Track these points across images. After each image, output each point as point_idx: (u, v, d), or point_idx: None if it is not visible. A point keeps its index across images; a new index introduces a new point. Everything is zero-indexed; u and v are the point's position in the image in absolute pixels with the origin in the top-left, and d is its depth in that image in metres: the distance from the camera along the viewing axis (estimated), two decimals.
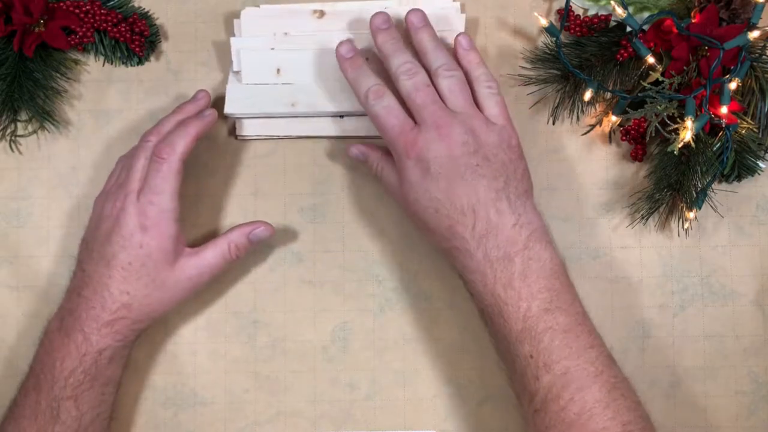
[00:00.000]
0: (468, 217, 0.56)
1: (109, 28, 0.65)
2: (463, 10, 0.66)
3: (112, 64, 0.67)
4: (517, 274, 0.55)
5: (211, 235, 0.66)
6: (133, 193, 0.59)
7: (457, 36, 0.62)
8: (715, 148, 0.63)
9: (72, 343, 0.58)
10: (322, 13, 0.66)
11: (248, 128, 0.66)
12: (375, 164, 0.63)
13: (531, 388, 0.55)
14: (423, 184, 0.57)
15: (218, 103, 0.66)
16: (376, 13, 0.62)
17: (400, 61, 0.60)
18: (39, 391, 0.58)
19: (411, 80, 0.59)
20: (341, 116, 0.65)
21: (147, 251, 0.59)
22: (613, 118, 0.64)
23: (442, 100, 0.59)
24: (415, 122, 0.58)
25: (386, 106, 0.59)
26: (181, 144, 0.60)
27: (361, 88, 0.60)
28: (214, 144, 0.66)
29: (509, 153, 0.58)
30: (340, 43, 0.62)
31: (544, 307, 0.55)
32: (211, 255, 0.61)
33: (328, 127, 0.66)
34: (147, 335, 0.65)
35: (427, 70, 0.60)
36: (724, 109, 0.60)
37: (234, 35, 0.66)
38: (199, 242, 0.64)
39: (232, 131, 0.66)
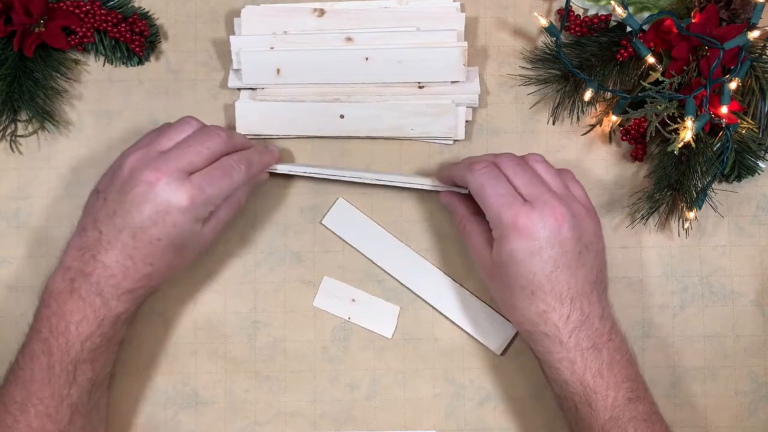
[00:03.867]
0: (565, 307, 0.56)
1: (109, 28, 0.65)
2: (463, 9, 0.66)
3: (112, 64, 0.67)
4: (605, 364, 0.56)
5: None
6: (183, 171, 0.56)
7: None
8: (715, 148, 0.63)
9: (88, 306, 0.56)
10: (322, 12, 0.66)
11: (247, 127, 0.66)
12: (460, 219, 0.62)
13: None
14: (528, 263, 0.56)
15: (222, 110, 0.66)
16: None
17: (500, 155, 0.59)
18: (50, 355, 0.56)
19: (513, 161, 0.58)
20: (341, 116, 0.65)
21: (179, 231, 0.56)
22: (613, 118, 0.64)
23: None
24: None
25: (495, 176, 0.58)
26: (256, 168, 0.61)
27: (463, 164, 0.60)
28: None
29: (600, 243, 0.59)
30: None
31: (628, 396, 0.56)
32: (227, 214, 0.60)
33: (329, 128, 0.66)
34: (147, 335, 0.65)
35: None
36: (724, 109, 0.60)
37: (234, 34, 0.66)
38: None
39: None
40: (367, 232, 0.66)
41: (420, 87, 0.65)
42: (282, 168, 0.64)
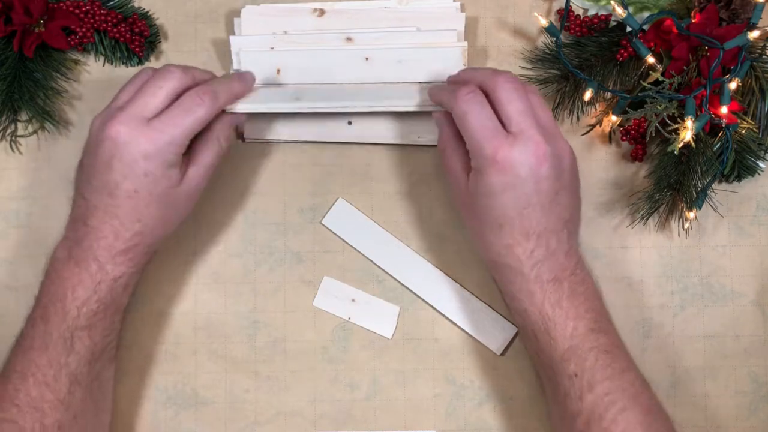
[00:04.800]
0: (530, 242, 0.56)
1: (109, 29, 0.65)
2: (463, 9, 0.66)
3: (112, 64, 0.67)
4: (565, 295, 0.56)
5: (211, 235, 0.66)
6: (140, 118, 0.55)
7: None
8: (715, 148, 0.63)
9: (84, 271, 0.56)
10: (322, 12, 0.66)
11: (256, 132, 0.66)
12: (443, 140, 0.60)
13: (574, 408, 0.55)
14: (501, 197, 0.55)
15: None
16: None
17: (500, 74, 0.57)
18: (47, 322, 0.56)
19: (512, 85, 0.56)
20: (349, 122, 0.65)
21: (153, 179, 0.56)
22: (613, 118, 0.64)
23: None
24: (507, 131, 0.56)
25: (478, 102, 0.55)
26: (224, 97, 0.58)
27: (446, 89, 0.59)
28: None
29: (577, 181, 0.58)
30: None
31: (589, 327, 0.56)
32: (209, 158, 0.59)
33: (336, 133, 0.66)
34: (147, 335, 0.65)
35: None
36: (724, 109, 0.60)
37: (234, 34, 0.66)
38: (198, 244, 0.65)
39: (239, 134, 0.66)
40: (367, 232, 0.66)
41: (420, 84, 0.65)
42: (242, 107, 0.61)
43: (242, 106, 0.62)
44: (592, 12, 0.65)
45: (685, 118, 0.59)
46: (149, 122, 0.56)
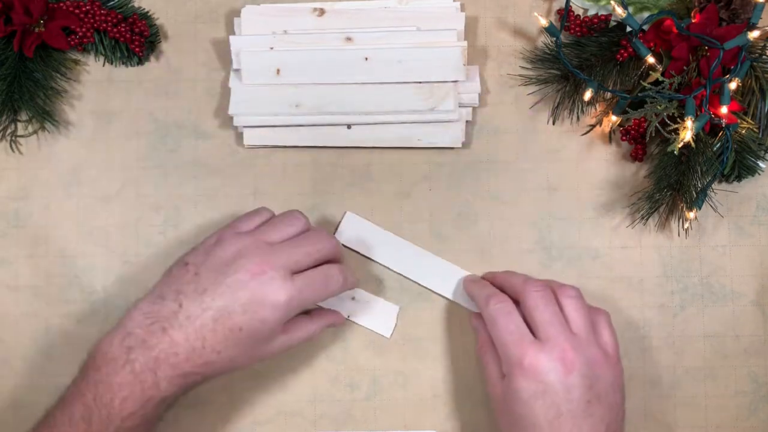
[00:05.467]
0: None
1: (109, 29, 0.65)
2: (462, 9, 0.66)
3: (112, 64, 0.67)
4: None
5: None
6: (288, 270, 0.55)
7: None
8: (715, 148, 0.63)
9: (138, 384, 0.53)
10: (322, 12, 0.66)
11: (255, 138, 0.66)
12: (480, 345, 0.62)
13: None
14: (531, 405, 0.55)
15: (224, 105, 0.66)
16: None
17: (529, 283, 0.59)
18: (90, 424, 0.53)
19: (540, 293, 0.58)
20: (348, 126, 0.65)
21: (263, 327, 0.55)
22: (613, 118, 0.64)
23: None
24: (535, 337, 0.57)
25: (507, 312, 0.58)
26: (350, 284, 0.60)
27: (482, 293, 0.60)
28: (214, 144, 0.66)
29: (618, 395, 0.57)
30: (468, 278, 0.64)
31: None
32: (300, 336, 0.59)
33: (336, 137, 0.66)
34: None
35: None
36: (724, 109, 0.60)
37: (234, 34, 0.66)
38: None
39: (240, 139, 0.66)
40: (381, 241, 0.66)
41: (420, 83, 0.65)
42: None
43: (245, 119, 0.64)
44: (592, 12, 0.65)
45: (685, 118, 0.59)
46: (293, 278, 0.55)
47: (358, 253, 0.66)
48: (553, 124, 0.66)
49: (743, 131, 0.63)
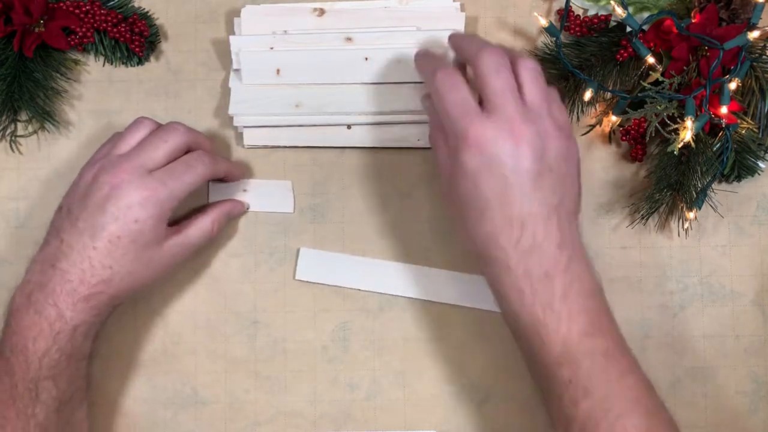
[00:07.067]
0: (515, 230, 0.52)
1: (109, 29, 0.65)
2: (462, 9, 0.66)
3: (112, 64, 0.67)
4: (557, 296, 0.52)
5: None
6: (143, 168, 0.57)
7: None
8: (715, 148, 0.63)
9: (44, 320, 0.55)
10: (322, 11, 0.66)
11: (255, 138, 0.66)
12: (431, 129, 0.58)
13: (569, 413, 0.52)
14: (477, 179, 0.52)
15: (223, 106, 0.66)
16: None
17: (485, 48, 0.54)
18: (12, 375, 0.55)
19: (494, 58, 0.53)
20: (348, 126, 0.65)
21: (140, 228, 0.56)
22: (613, 118, 0.64)
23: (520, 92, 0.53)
24: (483, 109, 0.53)
25: (453, 83, 0.53)
26: (222, 166, 0.61)
27: (428, 66, 0.56)
28: (214, 145, 0.66)
29: (570, 167, 0.54)
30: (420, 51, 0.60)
31: (584, 330, 0.52)
32: (195, 233, 0.61)
33: (336, 138, 0.66)
34: (147, 335, 0.65)
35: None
36: (724, 109, 0.60)
37: (234, 34, 0.66)
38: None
39: (240, 139, 0.66)
40: (342, 266, 0.66)
41: (420, 83, 0.65)
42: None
43: (245, 119, 0.64)
44: (592, 12, 0.65)
45: (685, 118, 0.59)
46: (151, 173, 0.57)
47: (328, 285, 0.66)
48: None
49: (743, 131, 0.63)
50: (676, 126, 0.60)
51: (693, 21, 0.62)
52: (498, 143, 0.51)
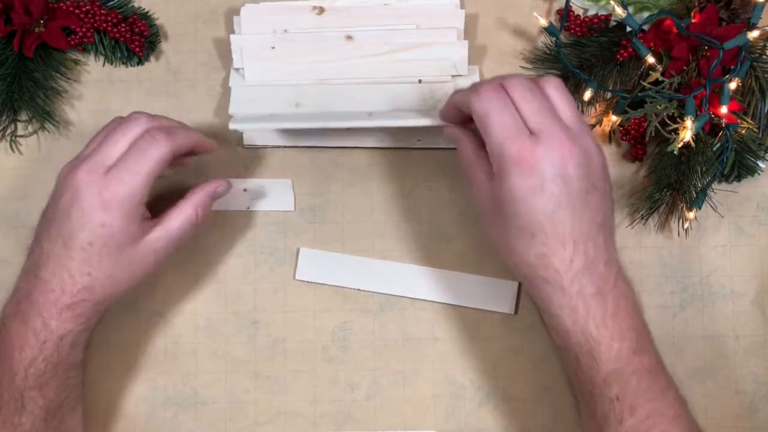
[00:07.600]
0: (567, 250, 0.52)
1: (109, 29, 0.65)
2: (462, 7, 0.66)
3: (112, 64, 0.67)
4: (609, 313, 0.52)
5: (210, 235, 0.66)
6: (101, 167, 0.54)
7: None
8: (715, 148, 0.63)
9: (30, 330, 0.54)
10: (321, 10, 0.66)
11: (255, 138, 0.66)
12: (464, 155, 0.57)
13: (612, 431, 0.52)
14: (529, 202, 0.51)
15: (223, 106, 0.66)
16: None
17: (508, 76, 0.54)
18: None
19: (524, 83, 0.53)
20: (348, 126, 0.65)
21: (108, 231, 0.54)
22: (613, 118, 0.64)
23: None
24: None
25: (502, 104, 0.52)
26: (181, 137, 0.56)
27: (467, 90, 0.55)
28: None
29: (608, 183, 0.55)
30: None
31: (632, 347, 0.53)
32: (177, 224, 0.57)
33: (336, 137, 0.66)
34: (147, 335, 0.65)
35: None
36: (724, 109, 0.60)
37: (234, 32, 0.66)
38: (197, 244, 0.64)
39: (240, 139, 0.66)
40: (342, 267, 0.66)
41: (419, 82, 0.65)
42: (243, 126, 0.62)
43: (244, 121, 0.63)
44: (592, 12, 0.65)
45: (685, 118, 0.59)
46: (109, 171, 0.54)
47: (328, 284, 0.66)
48: None
49: (743, 131, 0.63)
50: (676, 126, 0.60)
51: (693, 21, 0.62)
52: (550, 164, 0.51)
